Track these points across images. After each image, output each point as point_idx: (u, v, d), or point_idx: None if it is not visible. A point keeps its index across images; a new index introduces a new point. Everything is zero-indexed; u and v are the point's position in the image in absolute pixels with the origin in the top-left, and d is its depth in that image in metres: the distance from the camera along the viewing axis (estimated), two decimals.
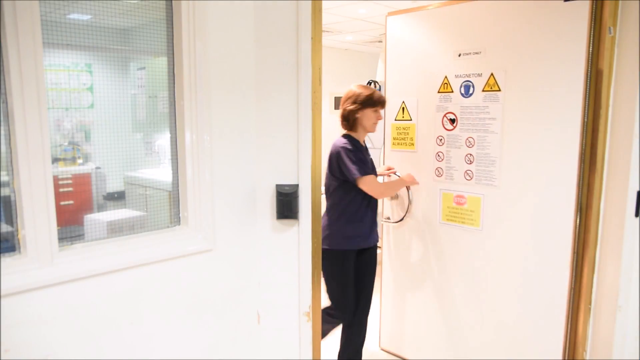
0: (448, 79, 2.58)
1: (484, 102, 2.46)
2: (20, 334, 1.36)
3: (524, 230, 2.32)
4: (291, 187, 1.91)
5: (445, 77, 2.59)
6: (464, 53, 2.49)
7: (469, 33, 2.47)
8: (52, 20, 1.43)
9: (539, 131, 2.26)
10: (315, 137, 1.94)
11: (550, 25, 2.15)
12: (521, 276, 2.33)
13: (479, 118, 2.49)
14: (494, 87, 2.40)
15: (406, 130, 2.77)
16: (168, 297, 1.68)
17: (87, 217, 1.73)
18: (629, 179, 2.04)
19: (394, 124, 2.84)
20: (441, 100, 2.65)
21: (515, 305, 2.36)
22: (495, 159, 2.44)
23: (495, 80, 2.39)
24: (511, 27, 2.32)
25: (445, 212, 2.68)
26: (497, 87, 2.39)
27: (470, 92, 2.50)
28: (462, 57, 2.51)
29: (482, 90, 2.46)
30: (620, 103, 2.05)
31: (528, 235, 2.31)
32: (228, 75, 1.76)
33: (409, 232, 2.86)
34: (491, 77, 2.40)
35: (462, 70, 2.53)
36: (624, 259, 2.08)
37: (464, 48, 2.51)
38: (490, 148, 2.46)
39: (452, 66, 2.56)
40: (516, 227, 2.35)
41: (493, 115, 2.42)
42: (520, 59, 2.31)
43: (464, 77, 2.53)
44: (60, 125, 1.98)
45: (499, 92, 2.39)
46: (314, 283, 2.01)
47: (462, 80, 2.54)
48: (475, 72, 2.46)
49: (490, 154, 2.45)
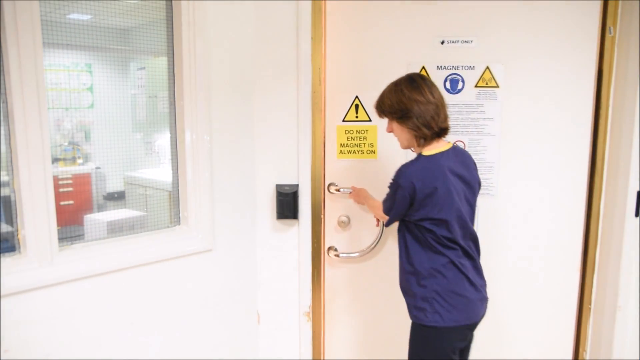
0: (427, 71, 2.10)
1: (478, 100, 2.11)
2: (20, 334, 1.36)
3: (527, 242, 2.23)
4: (291, 187, 1.91)
5: (424, 69, 2.10)
6: (449, 40, 2.06)
7: (455, 16, 2.05)
8: (52, 20, 1.43)
9: (544, 133, 2.09)
10: (315, 137, 1.94)
11: (556, 20, 1.99)
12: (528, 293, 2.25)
13: (470, 118, 2.13)
14: (490, 83, 2.09)
15: (362, 134, 2.11)
16: (168, 297, 1.68)
17: (87, 217, 1.73)
18: (629, 179, 2.03)
19: (341, 126, 2.10)
20: None
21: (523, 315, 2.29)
22: (493, 164, 2.13)
23: (492, 74, 2.09)
24: (510, 14, 2.04)
25: None
26: (494, 83, 2.09)
27: (459, 87, 2.12)
28: (447, 45, 2.08)
29: (475, 86, 2.11)
30: (621, 103, 2.05)
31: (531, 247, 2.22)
32: (228, 75, 1.76)
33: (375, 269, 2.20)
34: (487, 70, 2.09)
35: (448, 61, 2.10)
36: (624, 259, 2.08)
37: (449, 34, 2.06)
38: (486, 152, 2.13)
39: (432, 55, 2.08)
40: (518, 237, 2.18)
41: (489, 115, 2.11)
42: (520, 51, 2.05)
43: (450, 69, 2.10)
44: (60, 125, 1.98)
45: (497, 89, 2.09)
46: (314, 283, 2.01)
47: (447, 73, 2.11)
48: (465, 64, 2.09)
49: (486, 159, 2.13)
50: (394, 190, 1.61)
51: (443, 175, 1.57)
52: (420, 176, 1.55)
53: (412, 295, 1.65)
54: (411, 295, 1.65)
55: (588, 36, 2.04)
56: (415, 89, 1.59)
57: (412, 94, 1.58)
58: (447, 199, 1.56)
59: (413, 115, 1.58)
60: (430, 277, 1.60)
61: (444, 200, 1.56)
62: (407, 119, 1.59)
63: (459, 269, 1.60)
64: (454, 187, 1.58)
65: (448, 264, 1.60)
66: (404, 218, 1.65)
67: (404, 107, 1.58)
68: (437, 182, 1.55)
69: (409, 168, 1.59)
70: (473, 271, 1.65)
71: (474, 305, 1.62)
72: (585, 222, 2.16)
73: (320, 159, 1.98)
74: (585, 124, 2.09)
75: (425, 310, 1.60)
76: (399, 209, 1.61)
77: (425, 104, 1.57)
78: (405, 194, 1.56)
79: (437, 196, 1.55)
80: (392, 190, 1.63)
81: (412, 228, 1.64)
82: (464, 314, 1.60)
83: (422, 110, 1.57)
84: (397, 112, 1.60)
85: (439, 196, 1.55)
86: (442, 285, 1.59)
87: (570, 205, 2.14)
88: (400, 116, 1.60)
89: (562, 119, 2.08)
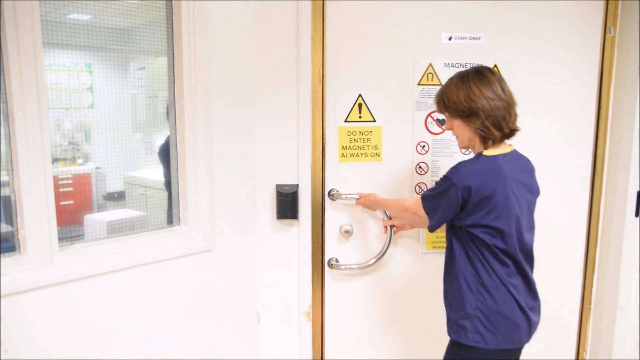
0: (434, 68, 2.01)
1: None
2: (20, 334, 1.36)
3: None
4: (291, 187, 1.91)
5: (430, 66, 2.01)
6: (456, 37, 2.00)
7: (463, 12, 2.00)
8: (52, 20, 1.43)
9: (549, 134, 2.08)
10: (315, 137, 1.94)
11: (561, 20, 1.99)
12: None
13: None
14: None
15: (365, 135, 2.00)
16: (168, 297, 1.68)
17: (87, 217, 1.73)
18: (629, 179, 2.04)
19: (343, 127, 1.98)
20: (423, 94, 2.03)
21: None
22: None
23: (499, 73, 1.95)
24: (518, 12, 1.99)
25: (431, 238, 2.09)
26: None
27: None
28: (454, 42, 2.00)
29: None
30: (621, 103, 2.05)
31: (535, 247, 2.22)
32: (228, 75, 1.76)
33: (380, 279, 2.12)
34: (494, 69, 1.93)
35: (455, 59, 2.03)
36: (624, 259, 2.08)
37: (456, 30, 1.99)
38: None
39: (439, 52, 2.01)
40: None
41: None
42: (527, 50, 2.01)
43: (457, 66, 2.02)
44: (60, 125, 1.98)
45: None
46: (314, 283, 2.01)
47: (455, 70, 1.95)
48: (473, 61, 2.01)
49: None
50: (445, 188, 1.42)
51: (503, 179, 1.40)
52: (478, 177, 1.39)
53: (454, 309, 1.51)
54: (453, 310, 1.52)
55: (592, 36, 2.03)
56: (486, 84, 1.41)
57: (482, 89, 1.41)
58: (505, 206, 1.40)
59: (482, 114, 1.41)
60: (477, 294, 1.45)
61: (502, 206, 1.39)
62: (474, 117, 1.42)
63: (509, 291, 1.44)
64: (513, 194, 1.41)
65: (499, 283, 1.44)
66: (454, 222, 1.48)
67: (473, 104, 1.41)
68: (497, 185, 1.39)
69: (467, 167, 1.41)
70: (525, 292, 1.50)
71: (521, 330, 1.47)
72: (586, 222, 2.16)
73: (320, 158, 1.98)
74: (588, 124, 2.09)
75: (466, 329, 1.46)
76: (448, 211, 1.44)
77: (497, 100, 1.40)
78: (459, 194, 1.39)
79: (494, 201, 1.39)
80: (441, 188, 1.44)
81: (461, 235, 1.47)
82: (508, 337, 1.46)
83: (492, 109, 1.40)
84: (464, 110, 1.43)
85: (497, 202, 1.39)
86: (489, 305, 1.45)
87: (574, 205, 2.14)
88: (467, 115, 1.43)
89: (566, 120, 2.08)
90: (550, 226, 2.13)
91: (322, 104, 1.95)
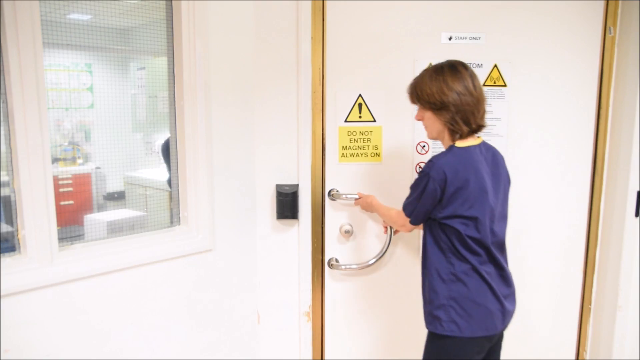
0: None
1: (486, 99, 1.95)
2: (20, 334, 1.36)
3: (530, 242, 2.23)
4: (291, 187, 1.91)
5: (431, 65, 1.82)
6: (457, 37, 2.00)
7: (463, 12, 2.00)
8: (52, 20, 1.43)
9: (549, 134, 2.07)
10: (315, 137, 1.94)
11: (562, 20, 1.99)
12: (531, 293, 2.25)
13: None
14: (498, 82, 2.03)
15: (365, 135, 2.01)
16: (168, 297, 1.68)
17: (87, 217, 1.73)
18: (629, 179, 2.04)
19: (343, 127, 1.99)
20: None
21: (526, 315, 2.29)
22: None
23: (500, 73, 2.03)
24: (518, 12, 1.99)
25: None
26: (502, 82, 2.03)
27: None
28: (454, 42, 2.00)
29: (482, 85, 1.94)
30: (621, 103, 2.05)
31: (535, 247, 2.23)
32: (228, 75, 1.76)
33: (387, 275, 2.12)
34: (495, 69, 2.03)
35: (455, 58, 1.84)
36: (624, 259, 2.08)
37: (456, 30, 2.00)
38: None
39: (439, 52, 2.00)
40: (522, 237, 2.16)
41: (497, 115, 2.06)
42: (528, 49, 2.02)
43: None
44: (60, 125, 1.98)
45: (505, 88, 2.03)
46: (314, 283, 2.01)
47: None
48: (473, 61, 2.01)
49: None
50: (424, 183, 1.46)
51: (475, 169, 1.44)
52: (453, 167, 1.42)
53: (428, 301, 1.54)
54: (427, 302, 1.54)
55: (592, 36, 2.03)
56: (459, 79, 1.45)
57: (455, 84, 1.44)
58: (478, 196, 1.44)
59: (453, 109, 1.45)
60: (450, 283, 1.47)
61: (475, 196, 1.43)
62: (445, 111, 1.46)
63: (482, 277, 1.46)
64: (487, 183, 1.46)
65: (470, 270, 1.46)
66: (429, 216, 1.51)
67: (445, 98, 1.44)
68: (470, 175, 1.42)
69: (441, 159, 1.45)
70: (498, 279, 1.51)
71: (494, 316, 1.48)
72: (586, 222, 2.16)
73: (320, 158, 1.98)
74: (589, 124, 2.09)
75: (441, 319, 1.48)
76: (426, 204, 1.47)
77: (467, 96, 1.44)
78: (436, 186, 1.43)
79: (468, 191, 1.42)
80: (420, 185, 1.48)
81: (434, 228, 1.51)
82: (482, 325, 1.47)
83: (462, 104, 1.44)
84: (435, 103, 1.46)
85: (470, 191, 1.42)
86: (462, 293, 1.46)
87: (574, 205, 2.14)
88: (438, 107, 1.46)
89: (566, 120, 2.08)
90: (550, 226, 2.14)
91: (322, 104, 1.95)
